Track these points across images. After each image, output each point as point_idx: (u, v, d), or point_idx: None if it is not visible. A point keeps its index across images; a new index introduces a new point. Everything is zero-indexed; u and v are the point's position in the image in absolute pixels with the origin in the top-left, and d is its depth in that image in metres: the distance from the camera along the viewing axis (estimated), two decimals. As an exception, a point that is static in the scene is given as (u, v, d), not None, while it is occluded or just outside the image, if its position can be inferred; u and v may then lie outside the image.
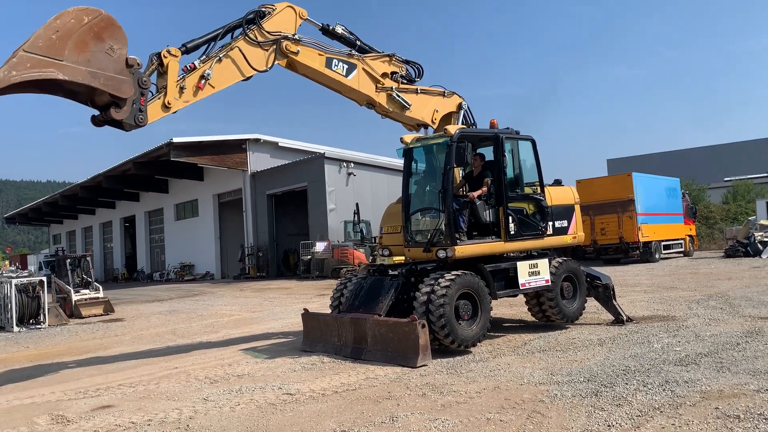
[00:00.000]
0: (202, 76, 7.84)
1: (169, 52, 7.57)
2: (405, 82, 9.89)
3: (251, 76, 8.51)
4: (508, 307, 12.70)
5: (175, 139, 32.29)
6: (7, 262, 42.48)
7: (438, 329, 7.98)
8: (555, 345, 8.59)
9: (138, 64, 7.03)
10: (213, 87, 8.01)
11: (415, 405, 5.99)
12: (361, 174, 33.33)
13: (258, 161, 36.69)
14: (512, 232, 9.09)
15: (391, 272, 9.31)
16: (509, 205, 9.12)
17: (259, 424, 5.73)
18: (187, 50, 7.94)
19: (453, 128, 8.93)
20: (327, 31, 9.28)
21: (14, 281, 15.49)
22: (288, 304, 17.69)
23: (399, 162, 10.70)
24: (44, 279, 16.53)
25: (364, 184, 33.00)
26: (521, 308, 11.57)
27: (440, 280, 8.16)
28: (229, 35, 8.38)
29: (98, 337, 13.10)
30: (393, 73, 9.75)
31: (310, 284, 25.84)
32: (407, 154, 9.52)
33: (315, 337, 9.33)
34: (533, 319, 10.47)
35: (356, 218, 26.20)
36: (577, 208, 10.50)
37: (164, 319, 16.02)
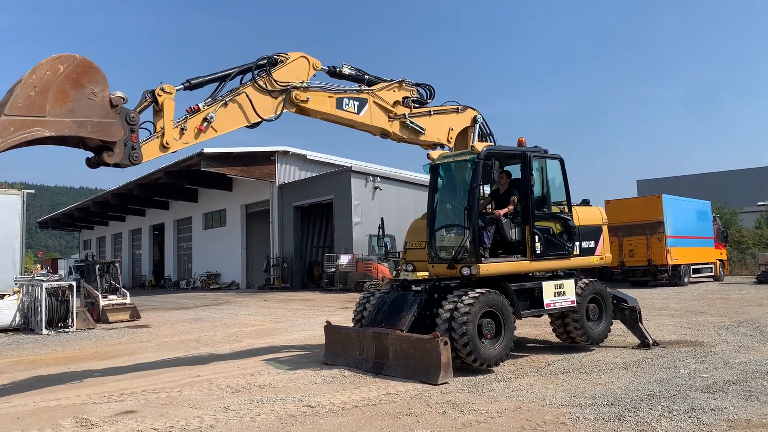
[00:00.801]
0: (205, 119, 7.77)
1: (163, 90, 7.41)
2: (417, 105, 9.90)
3: (257, 123, 8.46)
4: (532, 327, 12.58)
5: (206, 150, 32.79)
6: (38, 266, 43.34)
7: (460, 347, 7.94)
8: (579, 367, 8.48)
9: (123, 100, 6.86)
10: (215, 131, 7.94)
11: (435, 423, 5.96)
12: (387, 188, 33.43)
13: (286, 173, 37.05)
14: (538, 252, 9.03)
15: (414, 288, 9.30)
16: (536, 223, 9.07)
17: (278, 435, 5.75)
18: (190, 87, 7.87)
19: (480, 145, 8.92)
20: (334, 74, 9.28)
21: (45, 285, 15.80)
22: (311, 315, 17.75)
23: (425, 177, 10.72)
24: (73, 283, 16.84)
25: (389, 199, 33.08)
26: (545, 328, 11.45)
27: (464, 297, 8.13)
28: (238, 78, 8.32)
29: (124, 343, 13.28)
30: (405, 98, 9.77)
31: (333, 297, 25.90)
32: (434, 170, 9.54)
33: (337, 350, 9.35)
34: (557, 339, 10.35)
35: (381, 232, 26.26)
36: (605, 228, 10.39)
37: (189, 327, 16.18)
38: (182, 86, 7.81)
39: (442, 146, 10.14)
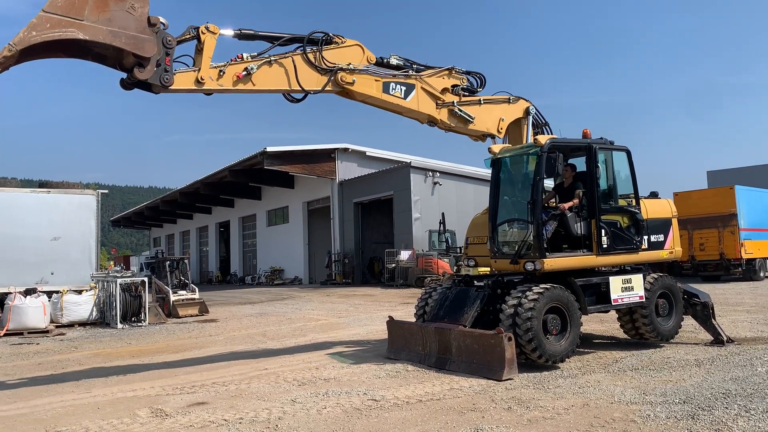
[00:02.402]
0: (246, 69, 7.74)
1: (207, 28, 7.41)
2: (467, 94, 9.68)
3: (296, 96, 8.41)
4: (599, 323, 12.30)
5: (269, 148, 33.51)
6: (111, 263, 45.22)
7: (525, 343, 7.86)
8: (648, 364, 8.25)
9: (163, 24, 6.90)
10: (254, 84, 7.88)
11: (500, 418, 5.92)
12: (447, 183, 33.27)
13: (346, 170, 37.38)
14: (605, 246, 8.82)
15: (476, 283, 9.25)
16: (602, 217, 8.87)
17: (345, 427, 5.84)
18: (240, 36, 7.85)
19: (543, 138, 8.78)
20: (382, 65, 9.08)
21: (119, 281, 16.50)
22: (372, 311, 17.88)
23: (485, 171, 10.59)
24: (146, 279, 17.52)
25: (449, 194, 32.92)
26: (613, 324, 11.19)
27: (528, 293, 8.03)
28: (290, 46, 8.26)
29: (194, 337, 13.73)
30: (454, 86, 9.57)
31: (394, 292, 26.00)
32: (495, 164, 9.44)
33: (399, 345, 9.40)
34: (625, 336, 10.10)
35: (442, 228, 26.16)
36: (675, 221, 10.06)
37: (255, 321, 16.59)
38: (232, 32, 7.80)
39: (492, 137, 9.95)
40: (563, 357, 8.22)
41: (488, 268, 9.88)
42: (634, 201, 9.42)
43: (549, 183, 9.56)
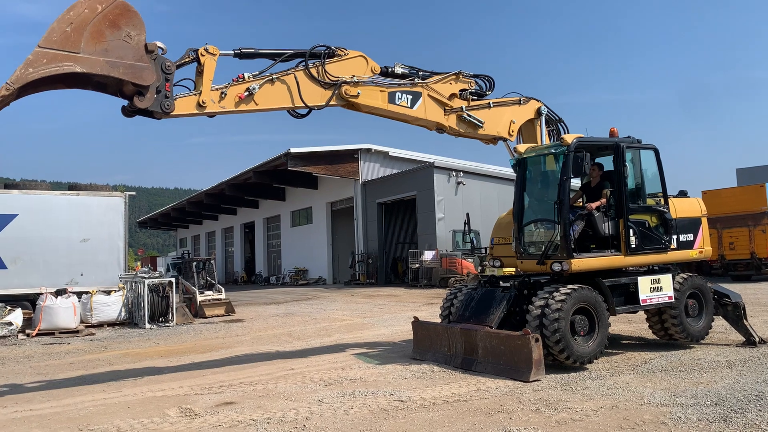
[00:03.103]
0: (248, 90, 7.65)
1: (206, 50, 7.32)
2: (475, 98, 9.49)
3: (301, 112, 8.27)
4: (627, 324, 12.16)
5: (292, 150, 33.72)
6: (139, 264, 45.83)
7: (552, 344, 7.80)
8: (678, 365, 8.13)
9: (161, 49, 6.85)
10: (256, 104, 7.77)
11: (528, 420, 5.88)
12: (471, 183, 33.15)
13: (369, 170, 37.44)
14: (633, 246, 8.72)
15: (502, 284, 9.20)
16: (630, 217, 8.77)
17: (372, 428, 5.85)
18: (240, 55, 7.76)
19: (570, 137, 8.70)
20: (387, 74, 8.90)
21: (147, 281, 16.73)
22: (397, 311, 17.88)
23: (509, 171, 10.50)
24: (173, 280, 17.73)
25: (473, 194, 32.79)
26: (641, 325, 11.06)
27: (555, 293, 7.98)
28: (291, 62, 8.14)
29: (220, 337, 13.86)
30: (462, 90, 9.38)
31: (418, 292, 25.97)
32: (521, 163, 9.39)
33: (425, 346, 9.39)
34: (654, 336, 9.98)
35: (467, 228, 26.05)
36: (704, 221, 9.90)
37: (281, 321, 16.70)
38: (232, 52, 7.70)
39: (504, 140, 9.81)
40: (591, 358, 8.15)
41: (514, 269, 9.83)
42: (662, 200, 9.31)
43: (576, 182, 9.48)
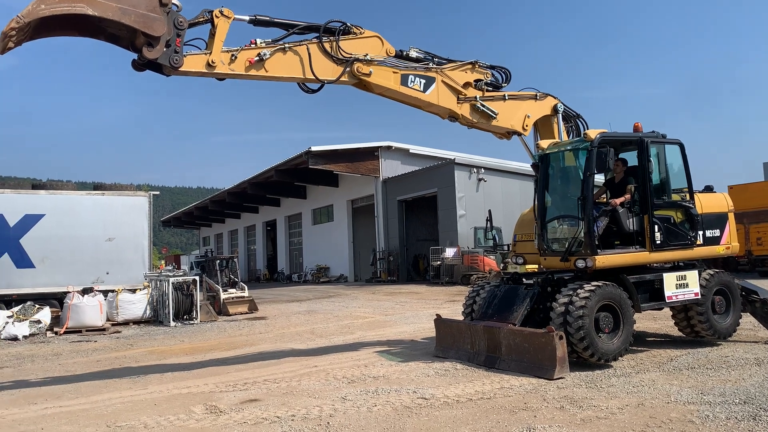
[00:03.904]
0: (259, 55, 7.59)
1: (221, 12, 7.32)
2: (490, 89, 9.33)
3: (314, 89, 8.25)
4: (652, 321, 12.02)
5: (313, 148, 33.84)
6: (163, 262, 46.39)
7: (576, 341, 7.74)
8: (705, 362, 8.02)
9: (176, 6, 6.85)
10: (266, 71, 7.72)
11: (552, 417, 5.85)
12: (492, 180, 32.95)
13: (389, 168, 37.42)
14: (658, 242, 8.62)
15: (525, 281, 9.14)
16: (655, 213, 8.67)
17: (395, 426, 5.86)
18: (255, 21, 7.74)
19: (593, 133, 8.61)
20: (401, 57, 8.77)
21: (171, 280, 16.92)
22: (419, 308, 17.87)
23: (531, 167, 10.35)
24: (197, 278, 17.91)
25: (494, 190, 32.60)
26: (666, 322, 10.93)
27: (579, 290, 7.91)
28: (306, 35, 8.10)
29: (244, 334, 13.97)
30: (477, 81, 9.23)
31: (439, 290, 25.93)
32: (543, 159, 9.32)
33: (447, 344, 9.37)
34: (680, 333, 9.86)
35: (489, 225, 25.93)
36: (731, 216, 9.75)
37: (303, 319, 16.78)
38: (247, 18, 7.69)
39: (518, 134, 9.67)
40: (616, 355, 8.08)
41: (536, 266, 9.77)
42: (687, 195, 9.19)
43: (599, 178, 9.38)
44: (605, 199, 9.29)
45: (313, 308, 20.19)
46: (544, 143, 9.38)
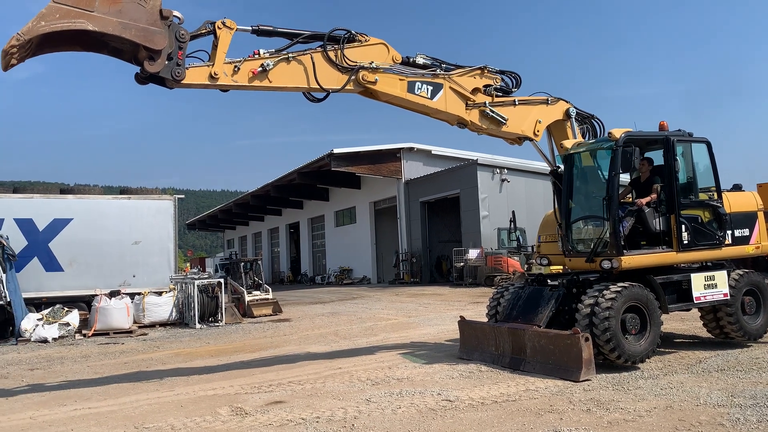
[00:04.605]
0: (262, 66, 7.55)
1: (224, 23, 7.29)
2: (500, 94, 9.17)
3: (317, 96, 8.15)
4: (680, 322, 11.84)
5: (335, 150, 33.95)
6: (188, 265, 46.87)
7: (603, 343, 7.66)
8: (735, 364, 7.88)
9: (177, 18, 6.86)
10: (270, 81, 7.68)
11: (579, 420, 5.79)
12: (515, 180, 32.74)
13: (412, 169, 37.39)
14: (685, 242, 8.49)
15: (550, 282, 9.07)
16: (682, 212, 8.55)
17: (420, 428, 5.85)
18: (258, 32, 7.71)
19: (618, 132, 8.52)
20: (408, 64, 8.63)
21: (197, 282, 17.09)
22: (442, 310, 17.82)
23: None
24: (222, 280, 18.06)
25: (518, 191, 32.38)
26: (694, 323, 10.76)
27: (605, 291, 7.83)
28: (310, 44, 8.03)
29: (268, 336, 14.06)
30: (486, 86, 9.09)
31: (463, 291, 25.82)
32: (568, 159, 9.23)
33: (472, 345, 9.33)
34: (709, 335, 9.70)
35: (512, 226, 25.76)
36: (761, 215, 9.58)
37: (327, 321, 16.83)
38: (250, 29, 7.65)
39: (529, 140, 9.49)
40: (643, 357, 7.97)
41: (561, 267, 9.69)
42: (715, 194, 9.05)
43: (624, 178, 9.27)
44: (631, 199, 9.18)
45: (336, 310, 20.24)
46: (568, 143, 9.29)
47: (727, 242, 9.01)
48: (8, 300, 14.79)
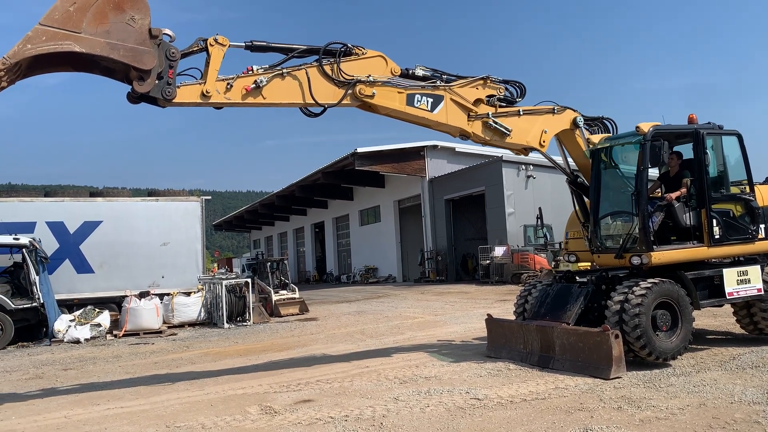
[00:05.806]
0: (255, 82, 7.40)
1: (216, 40, 7.16)
2: (504, 104, 8.93)
3: (314, 111, 7.96)
4: (712, 318, 11.64)
5: (359, 149, 33.98)
6: (216, 265, 47.36)
7: (633, 340, 7.56)
8: (771, 361, 7.72)
9: (168, 36, 6.77)
10: (264, 97, 7.52)
11: (610, 418, 5.72)
12: (541, 176, 32.43)
13: (436, 167, 37.27)
14: (717, 237, 8.35)
15: (578, 279, 8.98)
16: (713, 206, 8.41)
17: (449, 426, 5.83)
18: (252, 48, 7.60)
19: (646, 126, 8.39)
20: (407, 76, 8.40)
21: (224, 282, 17.26)
22: (468, 308, 17.75)
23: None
24: (249, 280, 18.22)
25: (544, 187, 32.08)
26: (727, 319, 10.56)
27: (635, 288, 7.72)
28: (306, 59, 7.88)
29: (296, 335, 14.14)
30: (489, 96, 8.84)
31: (489, 289, 25.69)
32: (596, 155, 9.13)
33: (499, 343, 9.28)
34: (742, 331, 9.52)
35: (539, 222, 25.53)
36: (796, 208, 9.35)
37: (353, 320, 16.88)
38: (243, 44, 7.53)
39: (536, 150, 9.27)
40: (675, 354, 7.85)
41: (589, 263, 9.58)
42: (747, 188, 8.87)
43: (653, 172, 9.12)
44: (660, 194, 9.05)
45: (362, 309, 20.28)
46: (596, 138, 9.19)
47: (760, 236, 8.82)
48: (42, 302, 15.08)
